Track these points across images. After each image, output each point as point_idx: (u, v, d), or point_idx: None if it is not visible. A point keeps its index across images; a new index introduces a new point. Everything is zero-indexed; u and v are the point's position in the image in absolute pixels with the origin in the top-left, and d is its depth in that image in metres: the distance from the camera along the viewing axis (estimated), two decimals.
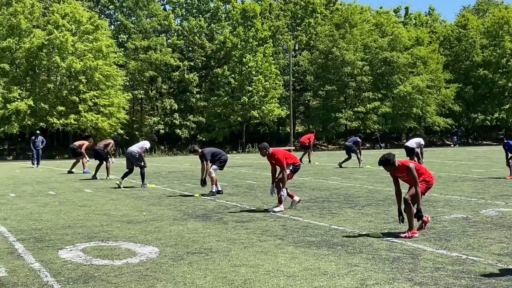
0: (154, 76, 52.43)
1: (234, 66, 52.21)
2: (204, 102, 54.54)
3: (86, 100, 43.98)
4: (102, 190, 15.22)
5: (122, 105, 46.82)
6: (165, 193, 14.39)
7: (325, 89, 56.29)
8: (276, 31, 58.40)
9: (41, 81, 44.93)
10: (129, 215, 10.43)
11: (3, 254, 7.10)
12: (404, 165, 7.99)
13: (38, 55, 43.38)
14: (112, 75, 45.45)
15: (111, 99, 45.21)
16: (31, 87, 44.31)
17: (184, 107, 54.53)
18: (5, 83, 43.02)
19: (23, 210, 11.27)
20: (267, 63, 51.75)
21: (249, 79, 51.53)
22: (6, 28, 44.00)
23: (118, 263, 6.51)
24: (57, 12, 45.40)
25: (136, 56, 52.22)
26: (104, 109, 44.70)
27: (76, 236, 8.31)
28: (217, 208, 11.27)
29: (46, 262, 6.58)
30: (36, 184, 17.72)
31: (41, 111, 42.97)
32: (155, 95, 54.51)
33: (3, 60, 43.66)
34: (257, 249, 7.18)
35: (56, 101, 43.91)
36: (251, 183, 16.83)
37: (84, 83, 44.08)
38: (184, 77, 53.07)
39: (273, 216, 10.05)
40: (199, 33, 56.45)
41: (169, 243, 7.64)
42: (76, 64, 42.86)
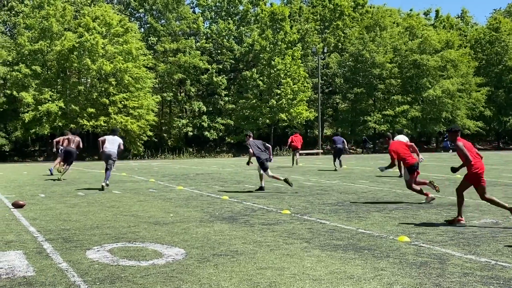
0: (183, 79, 52.80)
1: (263, 68, 52.28)
2: (232, 104, 54.73)
3: (115, 102, 44.49)
4: (130, 192, 15.34)
5: (151, 107, 47.23)
6: (192, 195, 14.42)
7: (353, 91, 55.99)
8: (305, 34, 58.32)
9: (71, 83, 45.62)
10: (156, 216, 10.48)
11: (32, 253, 7.19)
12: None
13: (69, 57, 44.04)
14: (141, 78, 45.92)
15: (141, 101, 45.65)
16: (62, 89, 44.99)
17: (213, 109, 54.79)
18: (37, 85, 43.76)
19: (52, 211, 11.41)
20: (295, 65, 51.72)
21: (277, 81, 51.55)
22: (38, 31, 44.77)
23: (144, 264, 6.54)
24: (88, 15, 46.06)
25: (165, 59, 52.67)
26: (134, 111, 45.15)
27: (104, 236, 8.37)
28: (244, 210, 11.26)
29: (74, 262, 6.64)
30: (66, 185, 17.93)
31: (72, 112, 43.61)
32: (183, 98, 54.87)
33: (35, 62, 44.42)
34: (283, 251, 7.14)
35: (86, 103, 44.51)
36: (278, 186, 16.77)
37: (114, 85, 44.62)
38: (212, 80, 53.35)
39: (300, 219, 10.00)
40: (228, 36, 56.67)
41: (195, 245, 7.65)
42: (106, 66, 43.39)
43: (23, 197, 14.04)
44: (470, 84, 59.45)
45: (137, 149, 46.25)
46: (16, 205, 11.88)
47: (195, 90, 54.66)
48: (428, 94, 56.11)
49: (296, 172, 22.93)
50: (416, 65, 57.30)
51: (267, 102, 51.37)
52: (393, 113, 55.31)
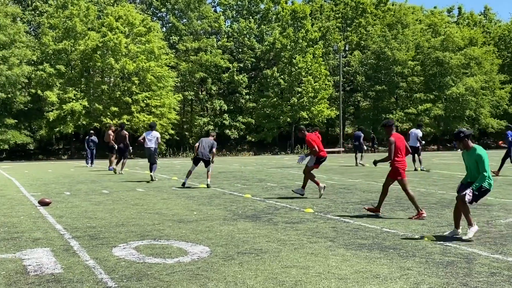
0: (204, 78, 52.95)
1: (284, 67, 52.22)
2: (253, 103, 54.76)
3: (138, 101, 44.79)
4: (153, 190, 15.43)
5: (173, 106, 47.44)
6: (215, 193, 14.46)
7: (375, 89, 55.68)
8: (326, 32, 58.12)
9: (95, 82, 46.02)
10: (180, 214, 10.53)
11: (59, 251, 7.27)
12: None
13: (92, 57, 44.42)
14: (163, 77, 46.15)
15: (163, 100, 45.88)
16: (85, 88, 45.41)
17: (234, 108, 54.86)
18: (61, 84, 44.21)
19: (78, 208, 11.53)
20: (316, 64, 51.59)
21: (298, 80, 51.47)
22: (62, 31, 45.23)
23: (170, 261, 6.58)
24: (111, 14, 46.41)
25: (187, 58, 52.88)
26: (156, 110, 45.40)
27: (129, 234, 8.44)
28: (267, 208, 11.27)
29: (101, 260, 6.70)
30: (91, 183, 18.11)
31: (95, 111, 43.99)
32: (205, 96, 55.03)
33: (59, 61, 44.88)
34: (308, 250, 7.13)
35: (109, 102, 44.87)
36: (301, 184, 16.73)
37: (136, 84, 44.91)
38: (233, 78, 53.42)
39: (323, 217, 9.98)
40: (249, 35, 56.70)
41: (219, 243, 7.67)
42: (129, 65, 43.69)
43: (49, 195, 14.20)
44: (494, 81, 58.74)
45: (159, 147, 46.46)
46: (43, 203, 12.02)
47: (216, 89, 54.79)
48: (451, 92, 55.58)
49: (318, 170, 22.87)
50: (439, 63, 56.78)
51: (288, 100, 51.31)
52: (415, 111, 54.89)
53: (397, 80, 55.79)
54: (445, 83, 56.67)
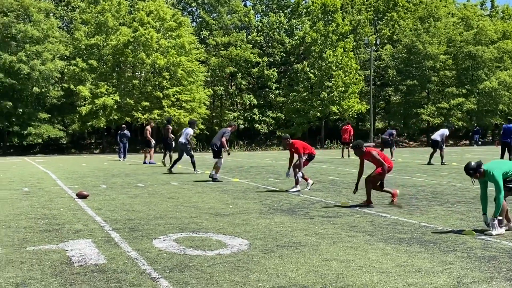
0: (234, 72, 53.04)
1: (314, 61, 52.04)
2: (283, 97, 54.70)
3: (169, 95, 45.08)
4: (187, 183, 15.57)
5: (203, 100, 47.63)
6: (249, 187, 14.54)
7: (406, 83, 55.15)
8: (357, 26, 57.70)
9: (126, 77, 46.49)
10: (216, 207, 10.62)
11: (101, 242, 7.40)
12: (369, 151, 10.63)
13: (124, 51, 44.84)
14: (194, 71, 46.34)
15: (193, 94, 46.10)
16: (117, 83, 45.89)
17: (263, 102, 54.88)
18: (93, 79, 44.74)
19: (115, 201, 11.70)
20: (347, 58, 51.25)
21: (328, 74, 51.23)
22: (94, 26, 45.74)
23: (210, 253, 6.65)
24: (142, 9, 46.76)
25: (216, 52, 53.02)
26: (186, 105, 45.65)
27: (168, 226, 8.55)
28: (302, 203, 11.29)
29: (142, 251, 6.81)
30: (125, 176, 18.34)
31: (127, 106, 44.44)
32: (234, 91, 55.15)
33: (91, 56, 45.41)
34: (347, 244, 7.14)
35: (140, 97, 45.28)
36: (334, 178, 16.76)
37: (167, 79, 45.20)
38: (263, 73, 53.41)
39: (360, 212, 9.97)
40: (279, 29, 56.60)
41: (258, 236, 7.72)
42: (160, 60, 44.01)
43: (85, 188, 14.44)
44: None
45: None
46: (80, 195, 12.23)
47: (246, 83, 54.83)
48: (484, 86, 54.74)
49: (350, 165, 22.80)
50: (471, 57, 55.96)
51: (318, 95, 51.12)
52: (447, 106, 54.21)
53: (429, 74, 55.15)
54: (477, 77, 55.84)
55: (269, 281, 5.47)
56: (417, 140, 59.99)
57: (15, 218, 9.50)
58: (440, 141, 22.09)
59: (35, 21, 43.00)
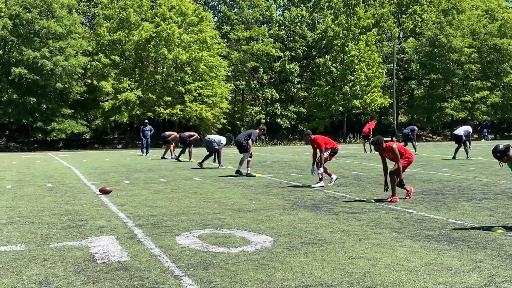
0: (255, 67, 52.92)
1: (336, 55, 51.69)
2: (305, 92, 54.48)
3: (191, 90, 45.15)
4: (210, 179, 15.52)
5: (225, 95, 47.63)
6: (272, 182, 14.44)
7: (430, 77, 54.49)
8: (380, 19, 57.14)
9: (149, 72, 46.63)
10: (239, 203, 10.54)
11: (124, 238, 7.35)
12: (389, 146, 10.38)
13: (146, 47, 44.98)
14: (215, 66, 46.33)
15: (215, 89, 46.11)
16: (139, 78, 46.07)
17: (285, 97, 54.70)
18: (116, 75, 44.96)
19: (138, 197, 11.68)
20: (369, 51, 50.81)
21: (351, 68, 50.87)
22: (117, 22, 45.94)
23: (234, 250, 6.56)
24: (164, 5, 46.83)
25: (238, 47, 52.92)
26: (208, 100, 45.68)
27: (191, 223, 8.47)
28: (326, 198, 11.16)
29: (165, 248, 6.73)
30: (148, 171, 18.37)
31: (149, 101, 44.60)
32: (256, 85, 55.03)
33: (114, 52, 45.63)
34: (373, 241, 6.99)
35: (162, 92, 45.41)
36: (358, 173, 16.57)
37: (189, 74, 45.26)
38: (285, 67, 53.19)
39: (385, 208, 9.80)
40: (301, 23, 56.31)
41: (282, 233, 7.61)
42: (182, 55, 44.06)
43: (108, 183, 14.46)
44: None
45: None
46: (104, 191, 12.23)
47: (267, 78, 54.69)
48: (510, 80, 53.87)
49: (373, 159, 22.57)
50: (496, 49, 55.05)
51: (340, 89, 50.80)
52: (472, 99, 53.44)
53: (453, 68, 54.42)
54: (502, 70, 54.96)
55: (295, 279, 5.35)
56: (441, 134, 59.30)
57: (38, 214, 9.51)
58: (465, 137, 21.89)
59: (58, 17, 43.29)
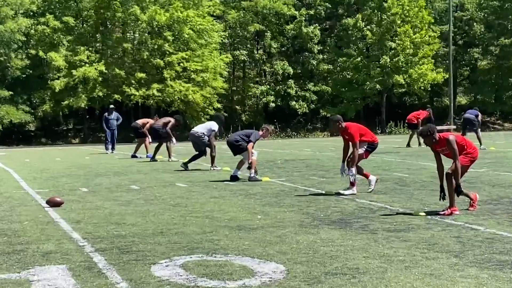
0: (261, 31, 52.84)
1: (371, 14, 51.73)
2: (329, 65, 54.44)
3: (172, 64, 45.14)
4: (199, 185, 15.50)
5: (219, 70, 47.62)
6: (284, 189, 14.43)
7: (499, 43, 54.44)
8: None
9: (114, 39, 46.68)
10: (239, 218, 10.51)
11: (79, 269, 7.28)
12: (444, 138, 10.32)
13: (110, 5, 44.99)
14: (206, 30, 46.27)
15: (205, 62, 46.11)
16: (102, 48, 46.14)
17: (302, 71, 54.71)
18: (70, 43, 44.98)
19: (100, 210, 11.67)
20: (416, 8, 50.71)
21: (391, 31, 50.84)
22: None
23: (232, 285, 6.48)
24: None
25: (237, 4, 52.85)
26: (196, 76, 45.69)
27: (172, 246, 8.43)
28: (359, 210, 11.13)
29: (137, 282, 6.65)
30: (114, 175, 18.39)
31: (116, 79, 44.60)
32: (262, 56, 55.01)
33: (67, 12, 45.62)
34: (424, 270, 6.91)
35: (134, 66, 45.48)
36: (402, 176, 16.54)
37: (170, 42, 45.24)
38: (301, 31, 53.10)
39: (441, 223, 9.72)
40: None
41: (298, 259, 7.55)
42: (160, 16, 44.10)
43: (59, 192, 14.46)
44: None
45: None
46: (52, 202, 12.19)
47: (277, 46, 54.64)
48: None
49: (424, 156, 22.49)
50: None
51: (377, 60, 50.77)
52: None
53: None
54: None
55: None
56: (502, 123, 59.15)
57: None
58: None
59: None
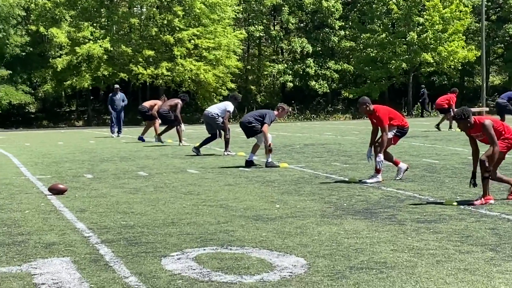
0: (278, 5, 52.70)
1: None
2: (351, 42, 54.25)
3: (183, 41, 45.09)
4: (212, 171, 15.48)
5: (233, 47, 47.52)
6: (304, 176, 14.39)
7: None
8: None
9: (120, 14, 46.61)
10: (256, 208, 10.48)
11: (85, 262, 7.26)
12: (480, 123, 10.24)
13: None
14: (219, 5, 46.17)
15: (218, 39, 46.01)
16: (107, 23, 46.10)
17: (322, 49, 54.55)
18: (72, 18, 44.96)
19: (106, 199, 11.66)
20: None
21: (419, 5, 50.54)
22: None
23: (249, 280, 6.45)
24: None
25: None
26: (208, 54, 45.60)
27: (184, 237, 8.41)
28: (385, 199, 11.09)
29: (146, 277, 6.63)
30: (120, 161, 18.42)
31: (122, 56, 44.60)
32: (279, 33, 54.87)
33: None
34: (458, 264, 6.86)
35: (141, 43, 45.45)
36: (431, 162, 16.45)
37: (180, 17, 45.12)
38: (321, 6, 52.87)
39: (474, 213, 9.66)
40: None
41: (320, 252, 7.51)
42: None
43: (62, 178, 14.49)
44: None
45: None
46: (55, 190, 12.19)
47: (295, 22, 54.51)
48: None
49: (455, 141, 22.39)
50: None
51: (403, 36, 50.54)
52: None
53: None
54: None
55: None
56: None
57: None
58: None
59: None
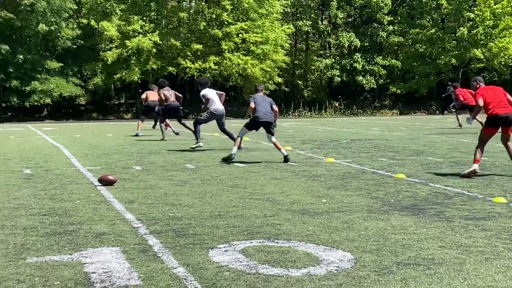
0: (326, 0, 52.49)
1: None
2: (400, 37, 53.91)
3: (231, 35, 45.11)
4: (258, 165, 15.47)
5: (281, 42, 47.49)
6: (350, 171, 14.34)
7: None
8: None
9: (170, 8, 46.81)
10: (302, 202, 10.46)
11: (134, 252, 7.30)
12: None
13: None
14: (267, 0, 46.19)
15: (265, 33, 45.99)
16: (156, 17, 46.29)
17: (370, 44, 54.29)
18: (123, 12, 45.23)
19: (154, 190, 11.71)
20: None
21: (470, 0, 49.97)
22: None
23: (295, 273, 6.43)
24: None
25: None
26: (256, 48, 45.59)
27: (231, 230, 8.41)
28: (433, 196, 10.99)
29: (194, 268, 6.64)
30: (168, 153, 18.52)
31: (170, 50, 44.79)
32: (326, 28, 54.69)
33: None
34: (507, 262, 6.78)
35: (190, 37, 45.58)
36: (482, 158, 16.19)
37: (228, 11, 45.18)
38: (370, 0, 52.64)
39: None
40: None
41: (367, 247, 7.48)
42: None
43: (112, 170, 14.60)
44: None
45: None
46: (105, 181, 12.28)
47: (343, 16, 54.31)
48: None
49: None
50: None
51: (453, 32, 50.06)
52: None
53: None
54: None
55: None
56: None
57: (11, 214, 9.59)
58: None
59: None
